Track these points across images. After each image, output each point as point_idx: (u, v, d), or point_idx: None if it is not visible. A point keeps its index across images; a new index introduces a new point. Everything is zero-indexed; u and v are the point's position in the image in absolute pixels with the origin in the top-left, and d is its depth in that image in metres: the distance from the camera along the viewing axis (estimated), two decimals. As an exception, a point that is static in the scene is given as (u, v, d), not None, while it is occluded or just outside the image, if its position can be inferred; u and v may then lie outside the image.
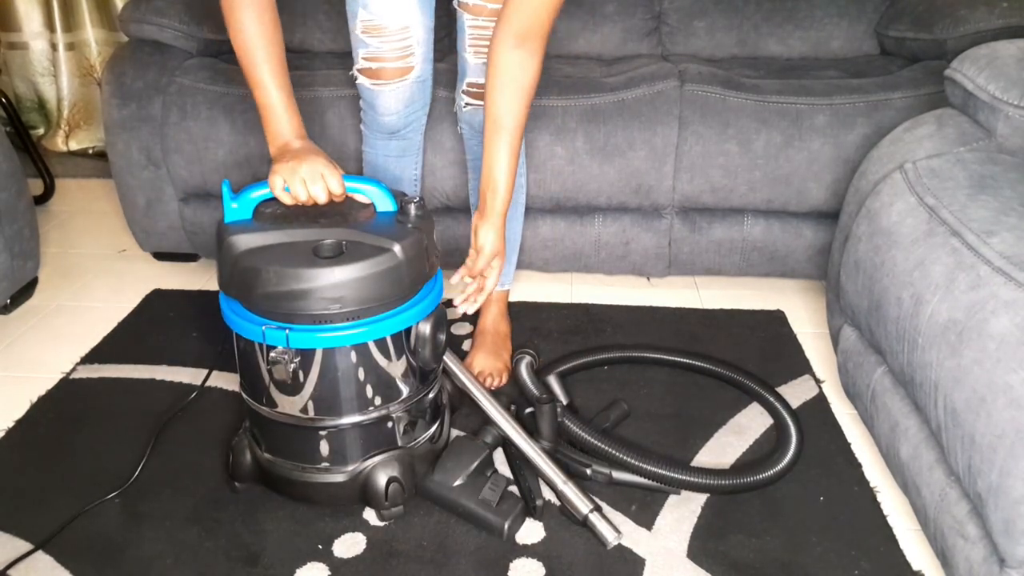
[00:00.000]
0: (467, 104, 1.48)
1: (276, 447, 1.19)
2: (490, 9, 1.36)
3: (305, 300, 1.05)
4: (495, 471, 1.26)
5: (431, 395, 1.23)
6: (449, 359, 1.32)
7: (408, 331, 1.13)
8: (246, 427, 1.24)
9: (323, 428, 1.14)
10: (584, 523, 1.16)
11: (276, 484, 1.21)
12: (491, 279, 1.27)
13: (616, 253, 1.83)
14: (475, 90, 1.45)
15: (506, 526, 1.15)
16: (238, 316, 1.10)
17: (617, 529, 1.15)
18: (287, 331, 1.06)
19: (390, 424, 1.17)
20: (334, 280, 1.04)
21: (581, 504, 1.17)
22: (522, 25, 1.16)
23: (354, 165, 1.73)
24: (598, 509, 1.17)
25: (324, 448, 1.16)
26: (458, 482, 1.19)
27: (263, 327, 1.07)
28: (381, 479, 1.16)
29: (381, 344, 1.11)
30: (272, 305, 1.06)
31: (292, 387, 1.12)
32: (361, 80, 1.41)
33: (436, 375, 1.24)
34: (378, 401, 1.15)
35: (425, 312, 1.14)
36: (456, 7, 1.40)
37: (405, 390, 1.17)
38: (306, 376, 1.10)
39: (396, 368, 1.15)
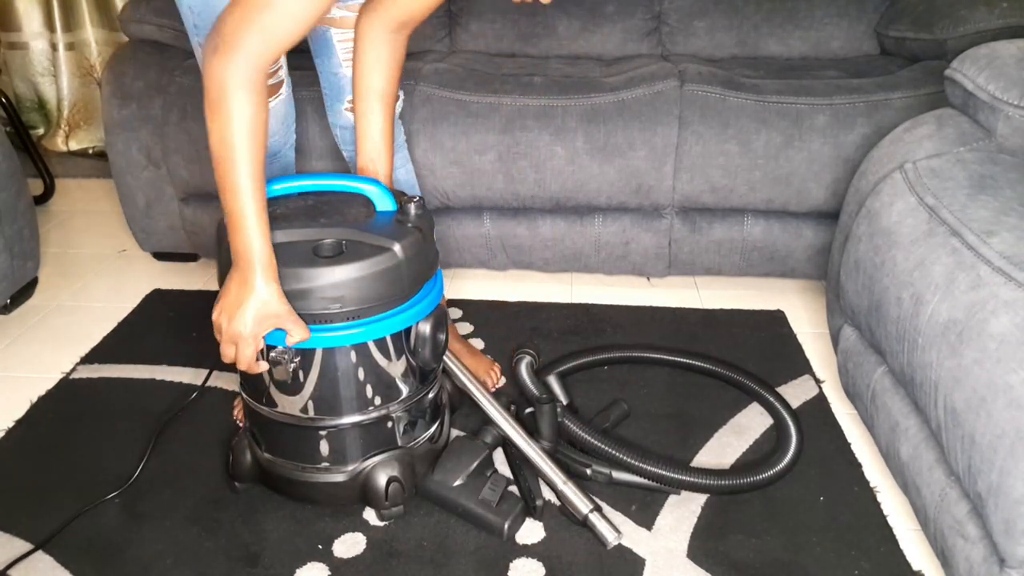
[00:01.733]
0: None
1: (276, 447, 1.19)
2: None
3: (305, 300, 1.05)
4: (495, 471, 1.26)
5: (431, 395, 1.23)
6: (449, 359, 1.32)
7: (408, 331, 1.13)
8: (246, 427, 1.24)
9: (323, 428, 1.14)
10: (584, 523, 1.16)
11: (276, 484, 1.21)
12: None
13: (616, 253, 1.83)
14: None
15: (506, 526, 1.15)
16: (238, 316, 1.10)
17: (617, 529, 1.15)
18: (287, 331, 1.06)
19: (390, 424, 1.17)
20: (334, 280, 1.04)
21: (581, 504, 1.17)
22: (404, 14, 1.19)
23: (354, 165, 1.73)
24: (598, 509, 1.17)
25: (324, 448, 1.16)
26: (458, 482, 1.19)
27: (263, 327, 1.07)
28: (381, 479, 1.16)
29: (381, 344, 1.11)
30: (272, 305, 1.06)
31: (292, 387, 1.12)
32: None
33: (436, 375, 1.24)
34: (378, 401, 1.15)
35: (425, 312, 1.14)
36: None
37: (405, 390, 1.17)
38: (306, 376, 1.10)
39: (396, 368, 1.15)
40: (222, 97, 0.96)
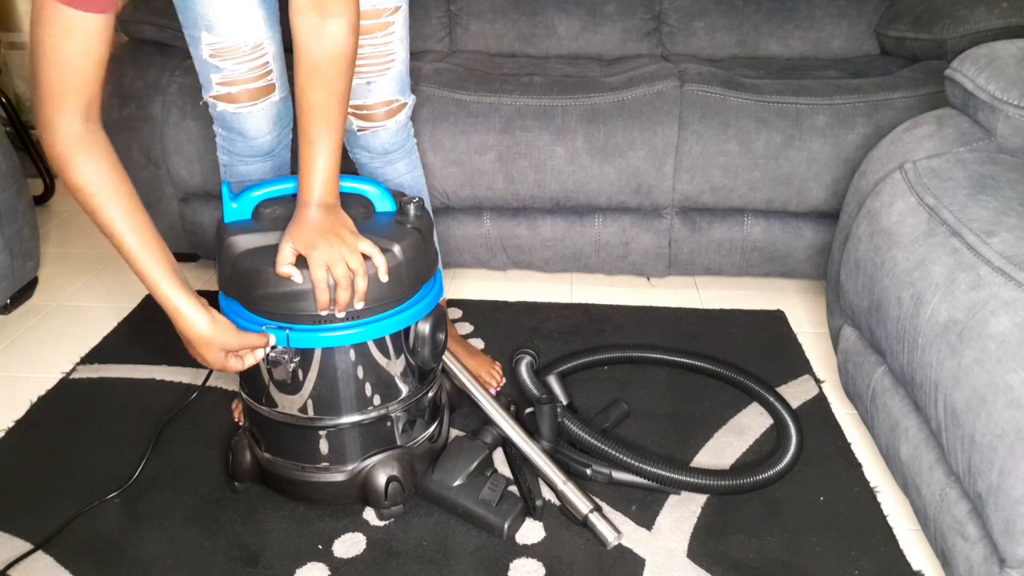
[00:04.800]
0: (360, 129, 1.35)
1: (276, 447, 1.19)
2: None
3: (305, 300, 1.05)
4: (495, 471, 1.26)
5: (430, 394, 1.23)
6: (448, 359, 1.32)
7: (407, 331, 1.13)
8: (246, 427, 1.24)
9: (323, 427, 1.14)
10: (584, 523, 1.16)
11: (276, 483, 1.21)
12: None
13: (616, 253, 1.83)
14: (363, 112, 1.33)
15: (506, 526, 1.15)
16: (238, 316, 1.10)
17: (617, 529, 1.15)
18: (287, 331, 1.06)
19: (389, 423, 1.17)
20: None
21: (581, 504, 1.17)
22: None
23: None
24: (598, 509, 1.17)
25: (324, 447, 1.16)
26: (458, 482, 1.19)
27: (263, 327, 1.07)
28: (381, 478, 1.16)
29: (380, 344, 1.11)
30: (272, 305, 1.06)
31: (292, 387, 1.12)
32: (222, 107, 1.26)
33: (435, 374, 1.24)
34: (377, 400, 1.15)
35: (424, 312, 1.14)
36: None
37: (404, 389, 1.17)
38: (305, 376, 1.10)
39: (395, 367, 1.15)
40: (63, 172, 1.01)
